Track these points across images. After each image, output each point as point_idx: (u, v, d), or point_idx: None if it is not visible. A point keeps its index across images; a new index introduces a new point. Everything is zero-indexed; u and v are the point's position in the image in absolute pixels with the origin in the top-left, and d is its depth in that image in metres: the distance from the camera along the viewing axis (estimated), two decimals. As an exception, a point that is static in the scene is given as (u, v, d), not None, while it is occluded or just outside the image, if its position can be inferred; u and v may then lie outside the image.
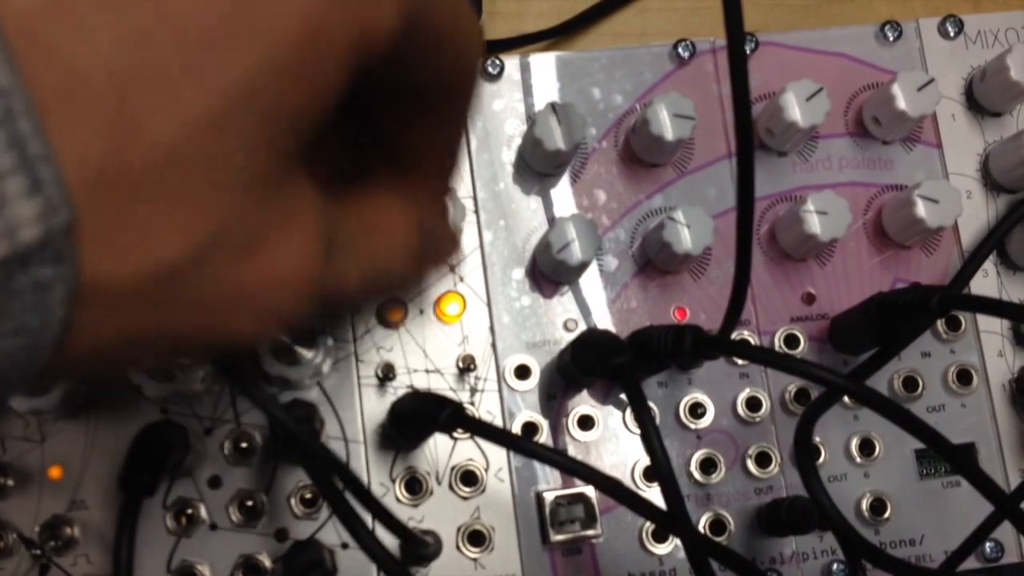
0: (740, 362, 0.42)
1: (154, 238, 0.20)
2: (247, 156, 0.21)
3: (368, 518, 0.35)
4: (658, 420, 0.41)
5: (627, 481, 0.41)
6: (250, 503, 0.39)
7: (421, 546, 0.34)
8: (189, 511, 0.38)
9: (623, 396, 0.41)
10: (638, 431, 0.38)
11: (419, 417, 0.35)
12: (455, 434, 0.40)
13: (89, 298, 0.20)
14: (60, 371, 0.21)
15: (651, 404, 0.41)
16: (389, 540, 0.36)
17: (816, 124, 0.41)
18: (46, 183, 0.18)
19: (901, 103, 0.41)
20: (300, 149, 0.23)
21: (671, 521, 0.32)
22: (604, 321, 0.42)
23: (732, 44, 0.26)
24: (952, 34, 0.45)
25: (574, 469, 0.32)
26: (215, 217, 0.21)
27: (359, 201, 0.28)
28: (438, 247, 0.32)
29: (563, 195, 0.43)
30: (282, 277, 0.24)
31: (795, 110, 0.40)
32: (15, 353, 0.19)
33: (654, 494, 0.39)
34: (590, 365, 0.37)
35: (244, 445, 0.39)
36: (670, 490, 0.32)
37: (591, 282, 0.42)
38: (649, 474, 0.40)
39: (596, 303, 0.42)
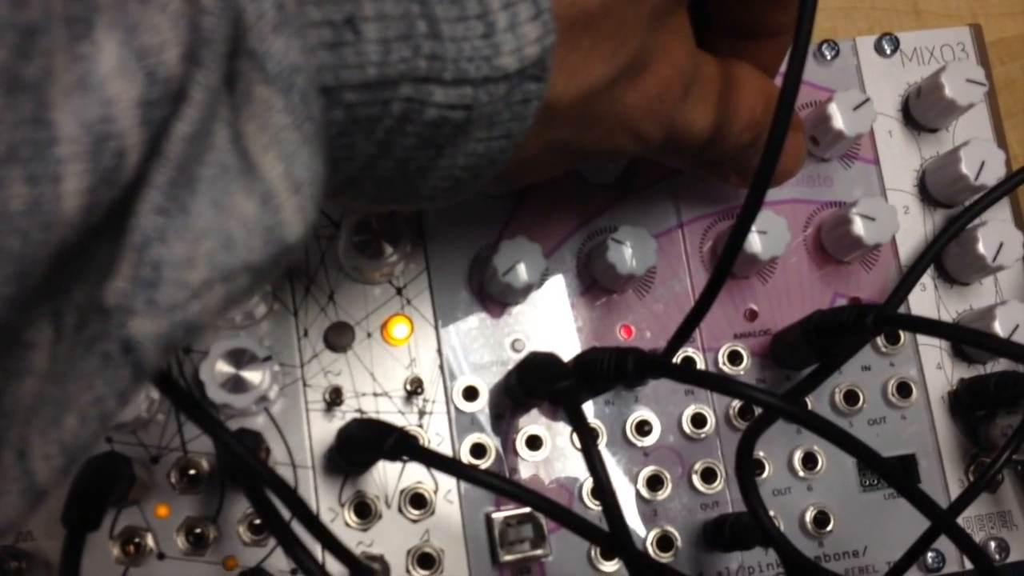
0: (685, 379, 0.42)
1: (589, 64, 0.25)
2: None
3: (317, 545, 0.35)
4: (605, 438, 0.42)
5: (575, 499, 0.41)
6: (198, 531, 0.39)
7: (368, 573, 0.34)
8: (136, 540, 0.38)
9: (570, 416, 0.41)
10: (584, 451, 0.39)
11: (365, 445, 0.35)
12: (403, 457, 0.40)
13: (540, 112, 0.24)
14: (494, 175, 0.25)
15: (598, 422, 0.42)
16: (338, 567, 0.36)
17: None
18: (544, 11, 0.22)
19: (838, 123, 0.42)
20: None
21: (613, 543, 0.33)
22: (551, 340, 0.42)
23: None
24: (888, 52, 0.46)
25: (518, 495, 0.32)
26: (631, 47, 0.26)
27: (721, 60, 0.33)
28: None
29: (508, 216, 0.43)
30: (650, 101, 0.28)
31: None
32: (493, 154, 0.23)
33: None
34: (535, 389, 0.37)
35: (192, 472, 0.39)
36: (612, 512, 0.33)
37: (538, 302, 0.43)
38: (596, 493, 0.41)
39: (543, 323, 0.42)
